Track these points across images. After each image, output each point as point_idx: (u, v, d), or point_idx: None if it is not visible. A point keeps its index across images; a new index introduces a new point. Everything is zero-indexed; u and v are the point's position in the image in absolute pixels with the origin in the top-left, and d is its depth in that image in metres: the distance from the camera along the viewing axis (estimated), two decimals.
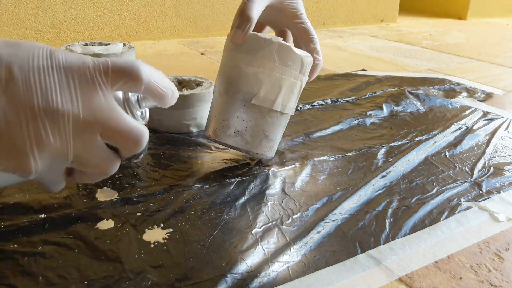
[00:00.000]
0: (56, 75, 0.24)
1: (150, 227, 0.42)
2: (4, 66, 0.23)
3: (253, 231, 0.42)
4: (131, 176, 0.51)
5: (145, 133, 0.28)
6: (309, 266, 0.38)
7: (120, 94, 0.28)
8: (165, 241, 0.40)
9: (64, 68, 0.24)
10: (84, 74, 0.24)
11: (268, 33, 0.54)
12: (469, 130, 0.69)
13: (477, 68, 1.17)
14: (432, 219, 0.46)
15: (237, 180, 0.51)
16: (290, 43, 0.49)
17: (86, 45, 0.63)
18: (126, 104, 0.28)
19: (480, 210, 0.48)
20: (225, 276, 0.36)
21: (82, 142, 0.25)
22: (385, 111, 0.77)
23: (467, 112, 0.77)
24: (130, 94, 0.29)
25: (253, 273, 0.36)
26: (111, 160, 0.28)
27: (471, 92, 0.91)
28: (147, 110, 0.32)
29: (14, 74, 0.23)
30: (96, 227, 0.42)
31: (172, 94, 0.29)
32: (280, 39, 0.46)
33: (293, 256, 0.39)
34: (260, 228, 0.42)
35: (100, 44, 0.64)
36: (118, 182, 0.50)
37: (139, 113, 0.30)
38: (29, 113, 0.23)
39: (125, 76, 0.25)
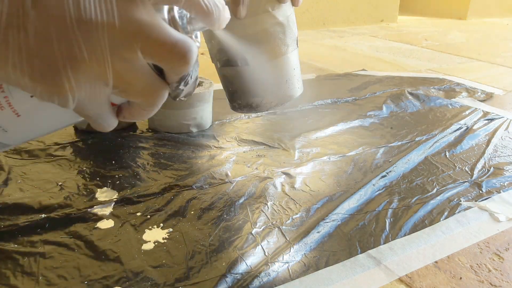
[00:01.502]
0: None
1: (150, 227, 0.42)
2: None
3: (253, 231, 0.42)
4: (131, 176, 0.51)
5: (193, 47, 0.24)
6: (309, 266, 0.38)
7: (165, 14, 0.25)
8: (165, 241, 0.40)
9: None
10: None
11: None
12: (469, 130, 0.69)
13: (477, 68, 1.17)
14: (432, 219, 0.46)
15: (237, 180, 0.51)
16: None
17: None
18: (172, 24, 0.25)
19: (480, 210, 0.48)
20: (225, 276, 0.36)
21: (121, 61, 0.22)
22: (385, 111, 0.77)
23: (467, 112, 0.77)
24: (176, 13, 0.25)
25: (253, 273, 0.36)
26: (157, 85, 0.25)
27: (471, 92, 0.91)
28: (199, 34, 0.28)
29: None
30: (96, 227, 0.42)
31: (220, 12, 0.25)
32: None
33: (293, 256, 0.39)
34: (260, 228, 0.42)
35: None
36: (118, 182, 0.50)
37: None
38: (61, 25, 0.21)
39: None
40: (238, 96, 0.46)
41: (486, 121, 0.74)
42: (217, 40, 0.46)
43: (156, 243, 0.40)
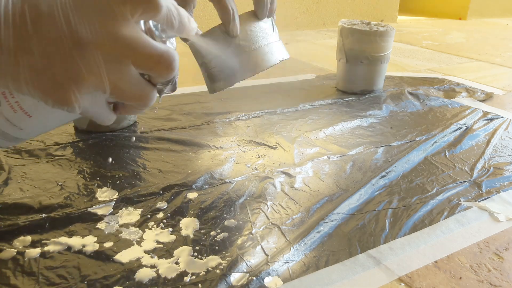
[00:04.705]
0: (79, 9, 0.24)
1: (150, 227, 0.42)
2: (31, 4, 0.24)
3: (253, 231, 0.42)
4: (131, 176, 0.51)
5: (176, 56, 0.28)
6: (309, 266, 0.38)
7: (142, 26, 0.28)
8: (165, 241, 0.40)
9: (86, 2, 0.25)
10: (105, 7, 0.25)
11: None
12: (468, 130, 0.69)
13: (477, 68, 1.17)
14: (432, 219, 0.46)
15: (237, 180, 0.51)
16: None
17: None
18: (149, 34, 0.28)
19: (480, 210, 0.48)
20: (225, 276, 0.36)
21: (116, 73, 0.26)
22: (385, 111, 0.77)
23: (467, 112, 0.77)
24: (151, 25, 0.29)
25: (253, 273, 0.36)
26: (147, 89, 0.28)
27: (471, 92, 0.91)
28: (174, 41, 0.32)
29: (41, 11, 0.24)
30: (96, 227, 0.42)
31: (186, 24, 0.29)
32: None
33: (293, 256, 0.39)
34: (260, 228, 0.42)
35: None
36: (118, 182, 0.50)
37: (167, 43, 0.30)
38: (59, 46, 0.24)
39: (143, 3, 0.26)
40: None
41: (486, 121, 0.74)
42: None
43: (156, 243, 0.40)
